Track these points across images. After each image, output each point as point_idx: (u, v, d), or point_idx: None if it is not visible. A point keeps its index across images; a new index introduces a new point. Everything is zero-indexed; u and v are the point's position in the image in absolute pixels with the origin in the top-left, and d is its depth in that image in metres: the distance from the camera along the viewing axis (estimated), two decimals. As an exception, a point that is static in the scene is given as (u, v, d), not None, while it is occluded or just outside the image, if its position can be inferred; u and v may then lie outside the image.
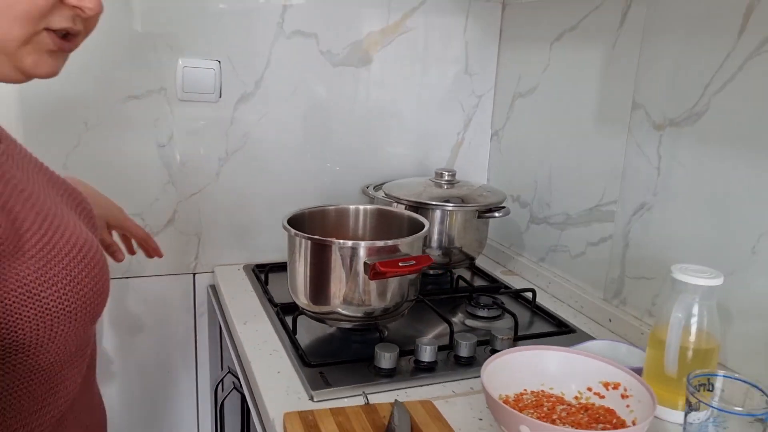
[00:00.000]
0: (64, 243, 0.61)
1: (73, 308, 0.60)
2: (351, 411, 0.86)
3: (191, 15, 1.30)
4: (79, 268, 0.62)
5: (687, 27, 1.03)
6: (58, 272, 0.59)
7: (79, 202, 0.75)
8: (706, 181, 1.01)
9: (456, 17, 1.50)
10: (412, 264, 0.96)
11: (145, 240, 1.07)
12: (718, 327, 0.88)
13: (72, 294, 0.60)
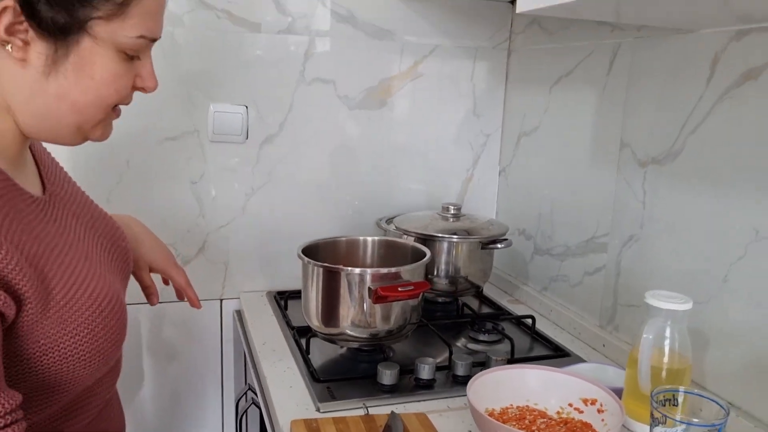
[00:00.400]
0: (86, 298, 0.72)
1: (89, 355, 0.72)
2: (351, 420, 0.96)
3: (222, 65, 1.45)
4: (97, 321, 0.73)
5: (664, 74, 1.13)
6: (78, 325, 0.70)
7: (114, 244, 0.87)
8: (683, 214, 1.10)
9: (464, 62, 1.62)
10: (410, 289, 1.07)
11: (183, 289, 1.09)
12: (689, 348, 0.96)
13: (89, 344, 0.72)
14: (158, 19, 0.74)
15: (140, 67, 0.75)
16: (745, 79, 0.97)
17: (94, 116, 0.73)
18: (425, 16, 1.57)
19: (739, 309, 1.00)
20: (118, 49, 0.70)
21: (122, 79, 0.72)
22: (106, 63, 0.70)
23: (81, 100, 0.70)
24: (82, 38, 0.67)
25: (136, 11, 0.69)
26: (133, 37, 0.70)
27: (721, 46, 1.01)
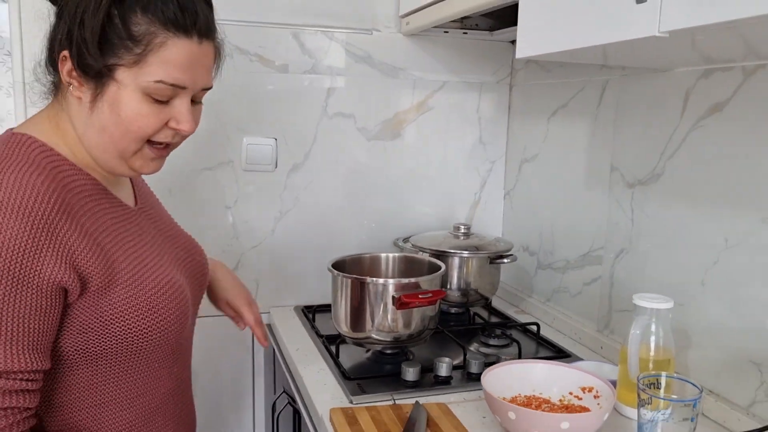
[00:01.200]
0: (150, 280, 0.88)
1: (149, 330, 0.87)
2: (381, 408, 1.11)
3: (254, 102, 1.63)
4: (161, 299, 0.88)
5: (646, 107, 1.30)
6: (141, 301, 0.86)
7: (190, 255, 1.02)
8: (666, 228, 1.26)
9: (471, 96, 1.80)
10: (429, 296, 1.23)
11: (252, 327, 1.23)
12: (672, 342, 1.11)
13: (152, 319, 0.87)
14: (182, 68, 0.83)
15: (175, 111, 0.85)
16: (711, 111, 1.14)
17: (127, 147, 0.86)
18: (434, 55, 1.75)
19: (715, 309, 1.15)
20: (143, 92, 0.82)
21: (147, 119, 0.83)
22: (131, 103, 0.82)
23: (114, 132, 0.84)
24: (111, 81, 0.81)
25: (154, 60, 0.80)
26: (152, 82, 0.81)
27: (691, 84, 1.18)
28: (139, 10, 0.79)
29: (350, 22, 1.67)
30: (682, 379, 1.00)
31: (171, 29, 0.80)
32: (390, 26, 1.70)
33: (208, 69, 0.88)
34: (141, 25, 0.79)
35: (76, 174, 0.85)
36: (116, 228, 0.88)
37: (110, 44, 0.79)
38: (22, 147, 0.82)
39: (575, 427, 0.96)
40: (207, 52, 0.86)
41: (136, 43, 0.79)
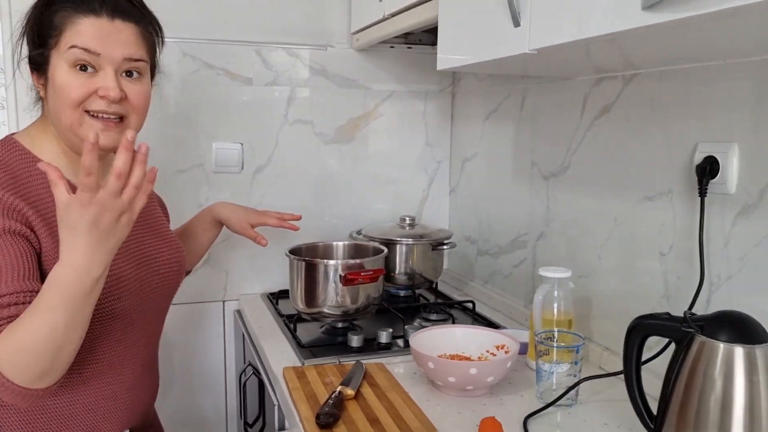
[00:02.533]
0: None
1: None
2: (327, 367, 1.31)
3: (222, 111, 1.83)
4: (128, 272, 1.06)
5: (555, 109, 1.52)
6: None
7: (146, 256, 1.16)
8: (572, 212, 1.47)
9: (417, 103, 2.01)
10: (370, 273, 1.43)
11: (282, 225, 1.56)
12: (572, 306, 1.32)
13: None
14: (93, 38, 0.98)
15: (100, 80, 1.00)
16: (602, 112, 1.36)
17: (69, 118, 1.02)
18: (383, 67, 1.96)
19: (610, 279, 1.37)
20: (68, 64, 0.99)
21: (75, 87, 0.99)
22: (60, 75, 0.99)
23: (57, 106, 1.02)
24: (49, 66, 1.01)
25: (69, 34, 0.99)
26: (67, 49, 0.98)
27: (587, 90, 1.40)
28: (59, 8, 1.00)
29: (307, 39, 1.88)
30: (569, 332, 1.21)
31: (81, 11, 0.99)
32: (342, 42, 1.91)
33: (126, 43, 1.02)
34: (60, 15, 1.00)
35: None
36: None
37: (42, 37, 1.01)
38: (4, 149, 1.04)
39: (482, 372, 1.17)
40: (121, 29, 1.01)
41: (56, 28, 1.00)
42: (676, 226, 1.19)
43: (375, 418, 1.09)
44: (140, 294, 1.12)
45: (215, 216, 1.51)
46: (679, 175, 1.17)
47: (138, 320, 1.13)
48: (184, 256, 1.26)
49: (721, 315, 0.92)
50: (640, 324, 0.99)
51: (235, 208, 1.52)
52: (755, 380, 0.87)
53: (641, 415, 0.99)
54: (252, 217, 1.52)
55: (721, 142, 1.08)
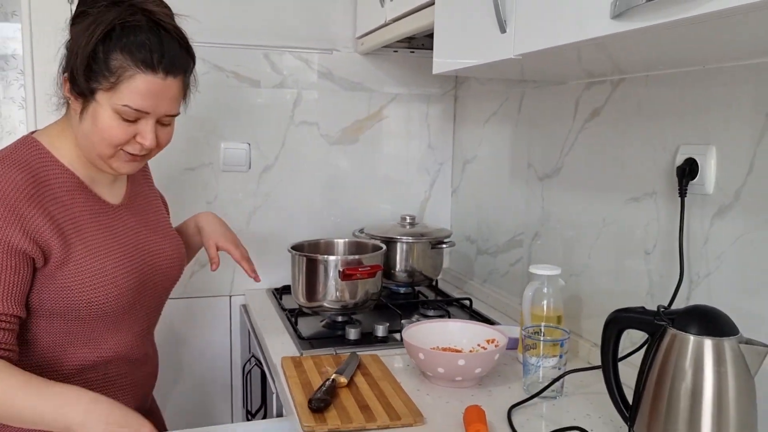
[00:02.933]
0: (93, 265, 1.08)
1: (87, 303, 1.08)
2: (324, 357, 1.36)
3: (230, 112, 1.90)
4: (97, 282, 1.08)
5: (550, 112, 1.57)
6: (82, 281, 1.06)
7: (149, 256, 1.21)
8: (564, 213, 1.52)
9: (420, 106, 2.07)
10: (368, 269, 1.49)
11: (238, 262, 1.44)
12: (561, 302, 1.36)
13: (87, 295, 1.08)
14: (146, 97, 1.03)
15: (141, 129, 1.07)
16: (593, 115, 1.41)
17: (103, 151, 1.10)
18: (387, 71, 2.02)
19: (599, 277, 1.41)
20: (114, 111, 1.04)
21: (116, 131, 1.05)
22: (105, 118, 1.04)
23: (93, 139, 1.08)
24: (93, 100, 1.04)
25: (124, 88, 1.02)
26: (120, 105, 1.03)
27: (579, 93, 1.45)
28: (118, 49, 1.02)
29: (313, 44, 1.95)
30: (556, 327, 1.26)
31: (140, 66, 1.02)
32: (348, 47, 1.97)
33: (172, 99, 1.09)
34: (117, 60, 1.02)
35: (61, 172, 1.10)
36: (83, 218, 1.11)
37: (94, 73, 1.03)
38: (23, 147, 1.08)
39: (470, 363, 1.22)
40: (171, 86, 1.07)
41: (112, 74, 1.02)
42: (659, 225, 1.23)
43: (365, 405, 1.14)
44: (141, 289, 1.19)
45: (197, 223, 1.48)
46: (663, 176, 1.21)
47: (139, 313, 1.21)
48: (184, 251, 1.33)
49: (692, 309, 0.96)
50: (617, 317, 1.03)
51: (215, 225, 1.46)
52: (723, 371, 0.91)
53: (617, 403, 1.03)
54: (222, 240, 1.43)
55: (700, 144, 1.12)
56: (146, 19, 1.05)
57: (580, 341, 1.44)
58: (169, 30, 1.07)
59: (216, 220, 1.48)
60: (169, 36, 1.07)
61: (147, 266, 1.21)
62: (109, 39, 1.03)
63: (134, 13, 1.04)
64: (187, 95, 1.17)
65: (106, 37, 1.03)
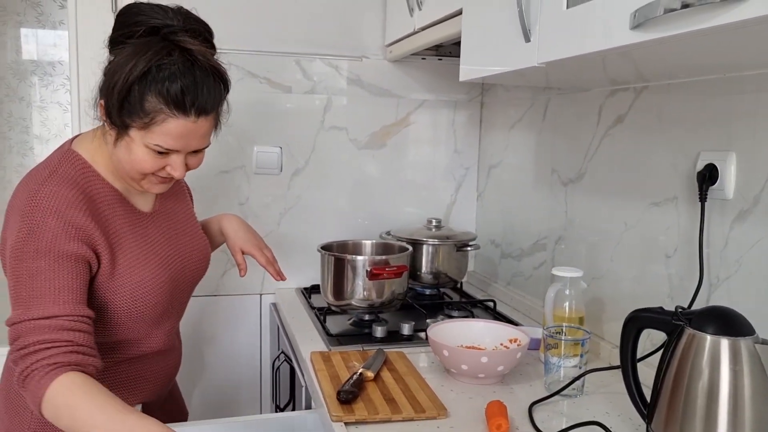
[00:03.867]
0: (135, 275, 1.15)
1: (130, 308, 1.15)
2: (351, 353, 1.42)
3: (263, 117, 1.96)
4: (137, 292, 1.15)
5: (574, 119, 1.60)
6: (126, 290, 1.14)
7: (180, 260, 1.28)
8: (587, 217, 1.55)
9: (447, 112, 2.12)
10: (394, 269, 1.54)
11: (264, 266, 1.48)
12: (582, 304, 1.40)
13: (130, 302, 1.15)
14: (177, 138, 1.07)
15: (171, 161, 1.12)
16: (616, 122, 1.44)
17: (134, 176, 1.16)
18: (415, 77, 2.07)
19: (621, 281, 1.44)
20: (147, 147, 1.08)
21: (148, 163, 1.10)
22: (138, 152, 1.09)
23: (126, 165, 1.14)
24: (126, 133, 1.09)
25: (157, 129, 1.06)
26: (152, 145, 1.08)
27: (603, 100, 1.48)
28: (153, 92, 1.04)
29: (344, 51, 2.01)
30: (578, 327, 1.29)
31: (172, 109, 1.05)
32: (377, 54, 2.03)
33: (202, 136, 1.12)
34: (151, 103, 1.05)
35: (102, 186, 1.16)
36: (123, 230, 1.18)
37: (128, 110, 1.06)
38: (68, 162, 1.13)
39: (493, 361, 1.26)
40: (202, 125, 1.10)
41: (146, 114, 1.06)
42: (680, 230, 1.26)
43: (391, 398, 1.19)
44: (175, 292, 1.27)
45: (222, 227, 1.50)
46: (684, 181, 1.24)
47: (171, 312, 1.29)
48: (209, 249, 1.40)
49: (709, 310, 0.99)
50: (635, 317, 1.06)
51: (239, 229, 1.49)
52: (739, 369, 0.94)
53: (635, 400, 1.07)
54: (247, 245, 1.47)
55: (720, 150, 1.15)
56: (182, 59, 1.06)
57: (602, 343, 1.47)
58: (204, 67, 1.08)
59: (240, 224, 1.50)
60: (203, 74, 1.08)
61: (179, 271, 1.28)
62: (145, 80, 1.05)
63: (171, 53, 1.06)
64: (218, 125, 1.18)
65: (142, 78, 1.04)
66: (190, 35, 1.10)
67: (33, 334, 1.01)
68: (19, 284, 1.04)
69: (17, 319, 1.02)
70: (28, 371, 0.99)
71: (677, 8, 0.77)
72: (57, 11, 2.00)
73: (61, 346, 1.01)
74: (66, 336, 1.01)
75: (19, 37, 2.19)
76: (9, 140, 2.16)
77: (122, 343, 1.21)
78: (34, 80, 1.93)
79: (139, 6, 1.12)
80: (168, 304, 1.25)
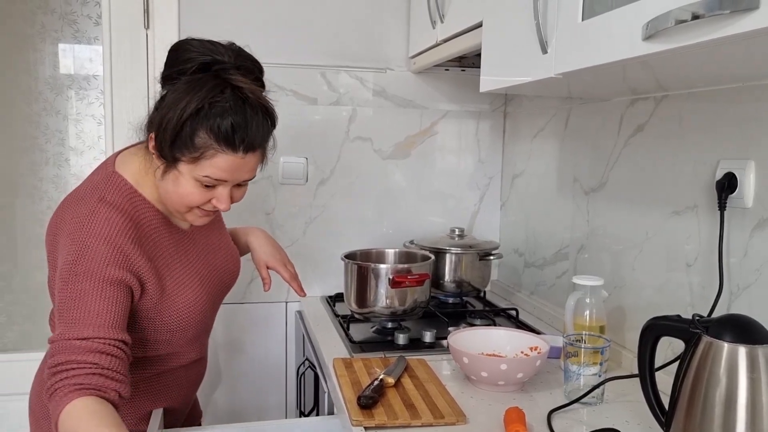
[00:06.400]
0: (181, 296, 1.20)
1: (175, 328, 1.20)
2: (373, 359, 1.44)
3: (289, 128, 2.01)
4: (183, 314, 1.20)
5: (595, 128, 1.61)
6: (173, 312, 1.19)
7: (216, 275, 1.32)
8: (609, 226, 1.55)
9: (470, 122, 2.14)
10: (416, 277, 1.56)
11: (287, 281, 1.49)
12: (603, 312, 1.40)
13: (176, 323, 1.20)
14: (226, 171, 1.10)
15: (218, 193, 1.15)
16: (637, 131, 1.44)
17: (179, 209, 1.19)
18: (439, 89, 2.10)
19: (642, 289, 1.44)
20: (195, 180, 1.11)
21: (195, 196, 1.13)
22: (186, 185, 1.12)
23: (173, 197, 1.17)
24: (175, 167, 1.12)
25: (206, 163, 1.09)
26: (201, 176, 1.11)
27: (624, 109, 1.49)
28: (203, 128, 1.08)
29: (368, 63, 2.04)
30: (598, 336, 1.30)
31: (222, 145, 1.08)
32: (401, 66, 2.06)
33: (249, 170, 1.16)
34: (202, 139, 1.08)
35: (147, 209, 1.20)
36: (169, 253, 1.22)
37: (179, 145, 1.10)
38: (114, 188, 1.15)
39: (512, 368, 1.27)
40: (249, 160, 1.13)
41: (196, 149, 1.09)
42: (701, 238, 1.26)
43: (411, 404, 1.21)
44: (212, 309, 1.32)
45: (248, 241, 1.53)
46: (704, 190, 1.24)
47: (207, 326, 1.34)
48: (240, 262, 1.43)
49: (726, 318, 0.99)
50: (653, 324, 1.07)
51: (265, 243, 1.52)
52: (756, 377, 0.94)
53: (653, 407, 1.07)
54: (272, 260, 1.49)
55: (739, 159, 1.15)
56: (233, 97, 1.09)
57: (623, 352, 1.47)
58: (254, 105, 1.11)
59: (266, 239, 1.53)
60: (253, 111, 1.11)
61: (216, 286, 1.32)
62: (197, 117, 1.08)
63: (223, 91, 1.09)
64: (265, 158, 1.21)
65: (195, 115, 1.08)
66: (241, 73, 1.13)
67: (64, 353, 1.03)
68: (63, 305, 1.07)
69: (56, 338, 1.06)
70: (52, 389, 1.02)
71: (688, 20, 0.78)
72: (92, 27, 2.08)
73: (85, 367, 1.02)
74: (93, 358, 1.03)
75: (57, 52, 2.28)
76: (45, 152, 2.24)
77: (162, 357, 1.26)
78: (71, 94, 2.00)
79: (191, 42, 1.15)
80: (207, 320, 1.31)
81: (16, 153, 2.91)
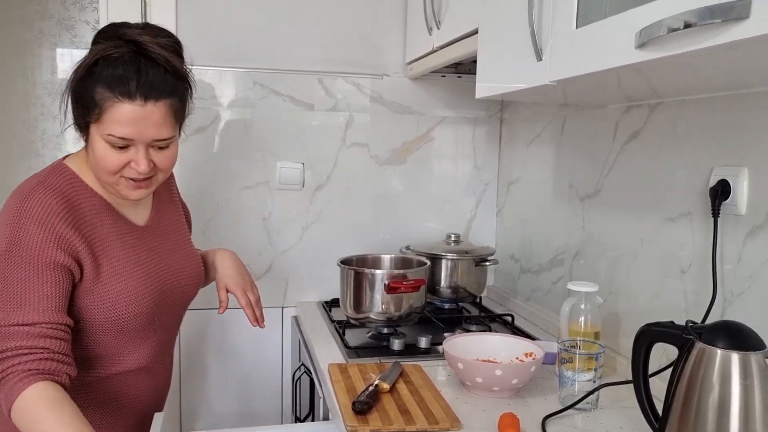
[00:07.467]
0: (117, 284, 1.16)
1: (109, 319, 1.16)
2: (368, 365, 1.44)
3: (286, 134, 2.01)
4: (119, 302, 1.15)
5: (590, 135, 1.62)
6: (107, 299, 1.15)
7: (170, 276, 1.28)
8: (604, 232, 1.56)
9: (467, 128, 2.14)
10: (412, 282, 1.56)
11: (243, 308, 1.42)
12: (598, 318, 1.40)
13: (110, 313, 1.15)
14: (127, 124, 1.07)
15: (132, 155, 1.11)
16: (631, 138, 1.45)
17: (105, 179, 1.14)
18: (436, 95, 2.11)
19: (637, 296, 1.44)
20: (105, 141, 1.09)
21: (111, 160, 1.10)
22: (99, 149, 1.10)
23: (94, 167, 1.14)
24: (89, 133, 1.11)
25: (107, 118, 1.07)
26: (106, 135, 1.08)
27: (619, 116, 1.50)
28: (99, 83, 1.07)
29: (365, 69, 2.05)
30: (593, 342, 1.30)
31: (117, 94, 1.06)
32: (398, 72, 2.07)
33: (157, 124, 1.10)
34: (99, 93, 1.07)
35: (89, 196, 1.17)
36: (110, 239, 1.20)
37: (84, 108, 1.10)
38: (55, 173, 1.16)
39: (507, 374, 1.27)
40: (152, 112, 1.08)
41: (97, 105, 1.07)
42: (695, 245, 1.26)
43: (406, 409, 1.21)
44: (160, 307, 1.27)
45: (214, 261, 1.45)
46: (697, 197, 1.25)
47: (157, 328, 1.28)
48: (202, 271, 1.39)
49: (719, 324, 1.00)
50: (647, 331, 1.07)
51: (230, 266, 1.44)
52: (749, 384, 0.94)
53: (646, 413, 1.07)
54: (231, 283, 1.42)
55: (733, 166, 1.16)
56: (130, 50, 1.09)
57: (618, 358, 1.47)
58: (153, 57, 1.10)
59: (232, 261, 1.46)
60: (151, 62, 1.09)
61: (167, 285, 1.28)
62: (93, 72, 1.08)
63: (119, 45, 1.09)
64: (182, 118, 1.17)
65: (91, 69, 1.08)
66: (147, 33, 1.12)
67: (11, 339, 1.03)
68: (2, 291, 1.07)
69: None
70: (2, 375, 1.02)
71: (680, 28, 0.79)
72: (90, 32, 2.09)
73: (37, 353, 1.03)
74: (42, 343, 1.04)
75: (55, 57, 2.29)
76: (42, 157, 2.24)
77: (102, 357, 1.21)
78: (68, 99, 2.00)
79: (113, 24, 1.15)
80: (151, 318, 1.24)
81: (13, 157, 2.92)
